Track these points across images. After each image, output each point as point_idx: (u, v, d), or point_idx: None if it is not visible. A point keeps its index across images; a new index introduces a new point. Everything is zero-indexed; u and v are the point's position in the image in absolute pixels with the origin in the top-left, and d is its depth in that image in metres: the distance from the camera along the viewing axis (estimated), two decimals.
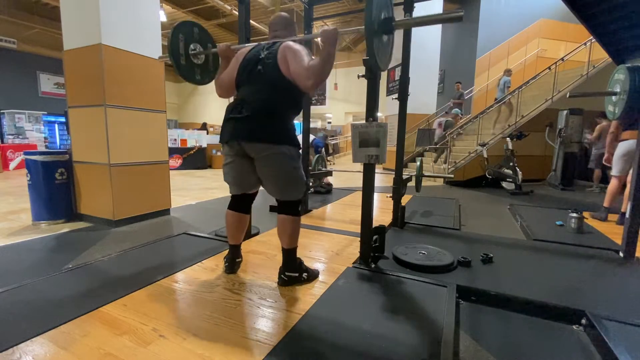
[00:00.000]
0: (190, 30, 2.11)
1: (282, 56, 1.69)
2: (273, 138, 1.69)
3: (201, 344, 1.32)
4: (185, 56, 2.09)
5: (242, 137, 1.71)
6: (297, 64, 1.63)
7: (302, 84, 1.65)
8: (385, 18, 1.57)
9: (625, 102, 2.24)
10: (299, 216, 1.84)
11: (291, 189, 1.79)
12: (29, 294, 1.73)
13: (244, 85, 1.79)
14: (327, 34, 1.60)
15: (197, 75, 2.18)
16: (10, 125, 10.82)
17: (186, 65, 2.10)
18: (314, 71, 1.58)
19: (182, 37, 2.05)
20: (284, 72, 1.68)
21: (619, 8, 2.47)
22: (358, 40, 15.52)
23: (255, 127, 1.67)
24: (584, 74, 7.20)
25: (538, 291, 1.84)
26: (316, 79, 1.59)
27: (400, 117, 3.14)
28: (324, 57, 1.56)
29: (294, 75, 1.65)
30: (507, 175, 5.81)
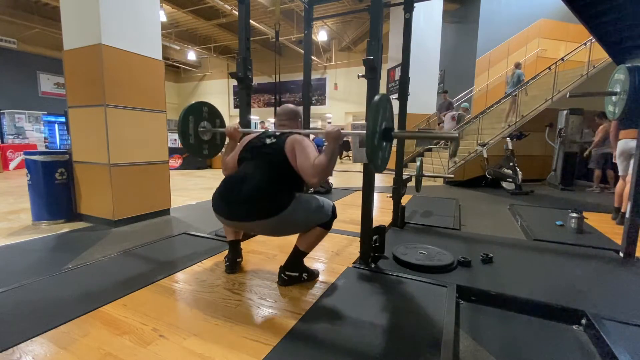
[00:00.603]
0: (200, 110, 2.15)
1: (290, 147, 1.72)
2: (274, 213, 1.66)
3: (201, 344, 1.32)
4: (194, 136, 2.13)
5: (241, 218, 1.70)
6: (305, 160, 1.67)
7: (307, 179, 1.69)
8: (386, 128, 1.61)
9: (625, 102, 2.23)
10: (328, 230, 1.87)
11: (315, 221, 1.80)
12: (29, 294, 1.73)
13: (247, 161, 1.81)
14: (330, 134, 1.64)
15: (204, 151, 2.23)
16: (10, 125, 10.82)
17: (194, 144, 2.15)
18: (320, 170, 1.62)
19: (192, 119, 2.10)
20: (290, 160, 1.72)
21: (619, 8, 2.47)
22: (358, 40, 15.52)
23: (253, 205, 1.66)
24: (584, 74, 7.20)
25: (538, 291, 1.84)
26: (321, 176, 1.64)
27: (400, 117, 3.14)
28: (329, 155, 1.62)
29: (300, 169, 1.69)
30: (507, 175, 5.81)
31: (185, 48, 15.35)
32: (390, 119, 1.67)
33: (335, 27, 14.28)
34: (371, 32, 2.02)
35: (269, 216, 1.65)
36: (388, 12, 9.76)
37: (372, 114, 1.47)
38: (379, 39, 1.98)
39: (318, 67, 17.45)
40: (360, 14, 10.94)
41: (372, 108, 1.48)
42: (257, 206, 1.65)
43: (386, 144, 1.65)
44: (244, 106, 2.58)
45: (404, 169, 3.53)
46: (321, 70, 17.77)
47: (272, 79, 12.62)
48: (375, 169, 1.61)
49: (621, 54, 2.87)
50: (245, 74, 2.51)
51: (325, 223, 1.83)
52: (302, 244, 1.84)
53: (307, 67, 3.69)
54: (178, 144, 9.24)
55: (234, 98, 19.99)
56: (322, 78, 17.86)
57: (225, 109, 20.09)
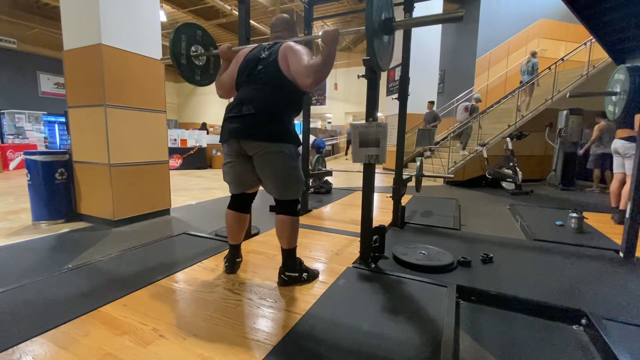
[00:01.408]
0: (193, 31, 2.12)
1: (282, 55, 1.69)
2: (272, 136, 1.69)
3: (201, 344, 1.32)
4: (186, 57, 2.10)
5: (241, 135, 1.71)
6: (297, 62, 1.63)
7: (302, 83, 1.65)
8: (386, 18, 1.57)
9: (625, 102, 2.24)
10: (297, 216, 1.83)
11: (289, 187, 1.79)
12: (29, 294, 1.73)
13: (244, 85, 1.79)
14: (327, 34, 1.60)
15: (197, 76, 2.19)
16: (10, 125, 10.81)
17: (187, 66, 2.11)
18: (314, 69, 1.58)
19: (185, 38, 2.06)
20: (284, 71, 1.68)
21: (619, 8, 2.47)
22: (358, 40, 15.52)
23: (254, 126, 1.67)
24: (584, 74, 7.20)
25: (538, 291, 1.84)
26: (315, 77, 1.59)
27: (400, 117, 3.14)
28: (324, 56, 1.57)
29: (294, 74, 1.66)
30: (507, 175, 5.81)
31: None
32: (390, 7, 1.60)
33: (335, 26, 14.28)
34: None
35: (264, 138, 1.65)
36: None
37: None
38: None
39: None
40: (360, 14, 10.93)
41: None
42: (257, 122, 1.65)
43: (388, 38, 1.60)
44: None
45: (404, 169, 3.53)
46: None
47: None
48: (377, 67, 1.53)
49: (621, 54, 2.88)
50: None
51: (291, 205, 1.80)
52: (283, 242, 1.83)
53: None
54: (178, 144, 9.25)
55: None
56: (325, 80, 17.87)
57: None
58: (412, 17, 2.69)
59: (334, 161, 13.20)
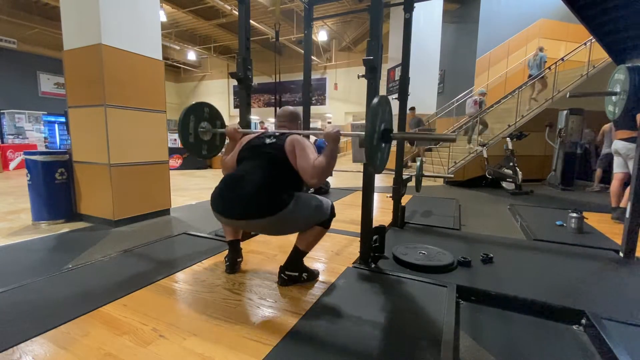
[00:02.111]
0: (201, 110, 2.16)
1: (290, 147, 1.73)
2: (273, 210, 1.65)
3: (201, 344, 1.32)
4: (194, 135, 2.14)
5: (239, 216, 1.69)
6: (305, 160, 1.68)
7: (307, 180, 1.70)
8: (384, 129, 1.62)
9: (625, 102, 2.23)
10: (327, 229, 1.87)
11: (314, 220, 1.80)
12: (29, 294, 1.73)
13: (247, 160, 1.81)
14: (330, 135, 1.66)
15: (204, 151, 2.23)
16: (10, 125, 10.82)
17: (194, 144, 2.15)
18: (320, 171, 1.63)
19: (193, 119, 2.11)
20: (290, 159, 1.73)
21: (619, 8, 2.47)
22: (358, 40, 15.52)
23: (253, 203, 1.65)
24: (584, 74, 7.20)
25: (538, 291, 1.84)
26: (321, 178, 1.66)
27: (400, 117, 3.14)
28: (328, 157, 1.63)
29: (300, 170, 1.70)
30: (507, 175, 5.81)
31: (185, 48, 15.36)
32: (389, 120, 1.68)
33: (335, 27, 14.27)
34: (371, 32, 2.02)
35: (268, 215, 1.64)
36: (388, 12, 9.77)
37: (371, 116, 1.48)
38: (379, 39, 1.98)
39: (318, 67, 17.46)
40: (360, 14, 10.95)
41: (371, 110, 1.49)
42: (257, 204, 1.64)
43: (385, 144, 1.66)
44: (244, 106, 2.58)
45: (404, 169, 3.53)
46: (321, 70, 17.78)
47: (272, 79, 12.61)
48: (374, 170, 1.62)
49: (621, 54, 2.88)
50: (245, 74, 2.51)
51: (324, 222, 1.83)
52: (301, 243, 1.84)
53: (307, 67, 3.69)
54: (178, 144, 9.24)
55: (234, 98, 20.00)
56: (322, 78, 17.87)
57: (225, 109, 20.10)
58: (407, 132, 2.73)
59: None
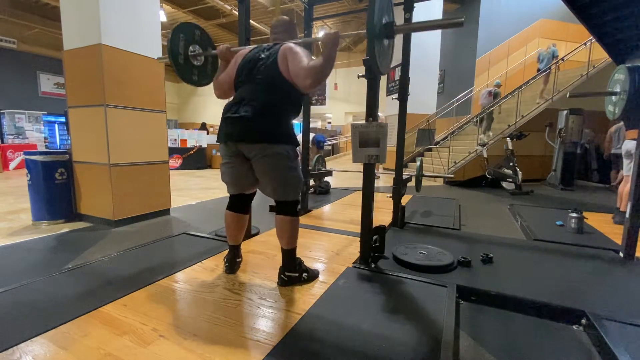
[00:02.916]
0: (192, 31, 2.12)
1: (282, 56, 1.69)
2: (269, 138, 1.68)
3: (201, 344, 1.32)
4: (184, 56, 2.09)
5: (238, 138, 1.71)
6: (297, 64, 1.63)
7: (301, 84, 1.65)
8: (387, 22, 1.57)
9: (625, 102, 2.23)
10: (297, 216, 1.83)
11: (288, 189, 1.79)
12: (29, 294, 1.73)
13: (243, 85, 1.78)
14: (328, 36, 1.60)
15: (194, 77, 2.19)
16: (10, 125, 10.81)
17: (184, 66, 2.11)
18: (314, 71, 1.58)
19: (183, 37, 2.06)
20: (283, 72, 1.68)
21: (619, 8, 2.47)
22: (358, 41, 15.53)
23: (252, 128, 1.66)
24: (584, 74, 7.20)
25: (538, 291, 1.84)
26: (315, 78, 1.59)
27: (400, 117, 3.14)
28: (325, 57, 1.57)
29: (293, 75, 1.65)
30: (507, 175, 5.81)
31: None
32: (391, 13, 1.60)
33: (335, 27, 14.27)
34: None
35: (262, 140, 1.65)
36: None
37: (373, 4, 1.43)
38: None
39: None
40: (360, 14, 10.93)
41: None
42: (254, 123, 1.64)
43: (388, 42, 1.60)
44: None
45: (404, 169, 3.53)
46: None
47: None
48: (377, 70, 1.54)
49: (621, 54, 2.88)
50: None
51: (291, 207, 1.80)
52: (282, 242, 1.83)
53: None
54: (178, 143, 9.25)
55: None
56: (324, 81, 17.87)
57: None
58: (412, 22, 2.69)
59: (334, 161, 13.19)
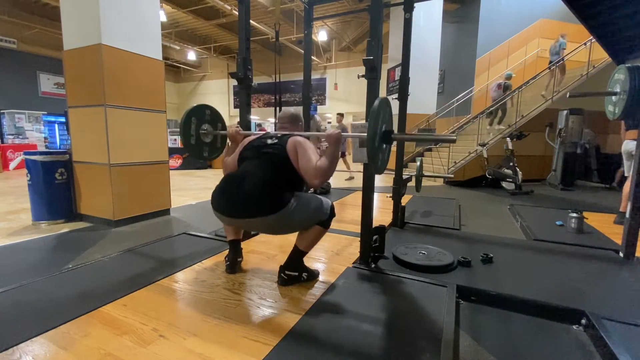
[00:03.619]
0: (202, 112, 2.18)
1: (292, 148, 1.74)
2: (273, 209, 1.65)
3: (201, 344, 1.32)
4: (195, 137, 2.16)
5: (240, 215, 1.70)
6: (307, 161, 1.68)
7: (309, 181, 1.70)
8: (386, 130, 1.63)
9: (625, 102, 2.23)
10: (327, 229, 1.87)
11: (314, 220, 1.80)
12: (29, 294, 1.73)
13: (248, 160, 1.81)
14: (331, 136, 1.67)
15: (205, 153, 2.25)
16: (10, 125, 10.81)
17: (196, 146, 2.17)
18: (322, 172, 1.64)
19: (195, 120, 2.13)
20: (292, 162, 1.73)
21: (619, 8, 2.47)
22: (358, 41, 15.52)
23: (253, 202, 1.65)
24: (584, 74, 7.20)
25: (538, 291, 1.84)
26: (323, 178, 1.67)
27: (400, 117, 3.14)
28: (329, 158, 1.64)
29: (302, 170, 1.71)
30: (507, 175, 5.81)
31: (185, 48, 15.34)
32: (390, 121, 1.68)
33: (335, 27, 14.27)
34: (371, 32, 2.02)
35: (269, 214, 1.65)
36: (388, 12, 9.76)
37: (373, 118, 1.49)
38: (379, 39, 1.98)
39: (318, 67, 17.44)
40: (360, 14, 10.94)
41: (372, 113, 1.50)
42: (257, 203, 1.65)
43: (386, 146, 1.67)
44: (244, 106, 2.58)
45: (404, 169, 3.53)
46: (321, 70, 17.76)
47: (272, 79, 12.60)
48: (376, 171, 1.64)
49: (621, 54, 2.88)
50: (245, 74, 2.51)
51: (324, 222, 1.83)
52: (301, 243, 1.84)
53: (307, 67, 3.69)
54: (178, 143, 9.25)
55: (234, 98, 19.98)
56: (322, 78, 17.85)
57: (225, 109, 20.08)
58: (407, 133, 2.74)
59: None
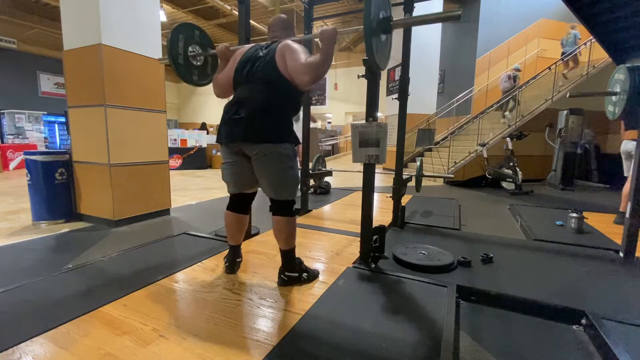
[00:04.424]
0: (191, 31, 2.12)
1: (280, 54, 1.69)
2: (269, 138, 1.69)
3: (201, 344, 1.32)
4: (184, 56, 2.10)
5: (238, 138, 1.71)
6: (295, 60, 1.62)
7: (299, 80, 1.64)
8: (384, 17, 1.58)
9: (625, 102, 2.23)
10: (293, 216, 1.83)
11: (285, 187, 1.79)
12: (29, 294, 1.73)
13: (241, 84, 1.79)
14: (326, 33, 1.60)
15: (194, 76, 2.20)
16: (10, 125, 10.81)
17: (184, 66, 2.11)
18: (312, 67, 1.57)
19: (182, 38, 2.07)
20: (281, 69, 1.68)
21: (619, 8, 2.47)
22: (358, 40, 15.52)
23: (251, 128, 1.67)
24: (584, 74, 7.21)
25: (538, 291, 1.84)
26: (313, 74, 1.58)
27: (400, 117, 3.14)
28: (322, 54, 1.57)
29: (291, 72, 1.65)
30: (507, 175, 5.81)
31: None
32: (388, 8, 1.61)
33: (335, 26, 14.28)
34: None
35: (262, 140, 1.65)
36: None
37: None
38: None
39: None
40: (360, 14, 10.92)
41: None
42: (254, 123, 1.65)
43: (386, 37, 1.61)
44: None
45: (404, 169, 3.53)
46: None
47: None
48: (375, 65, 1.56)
49: (621, 54, 2.88)
50: None
51: (286, 205, 1.80)
52: (280, 242, 1.83)
53: None
54: (178, 143, 9.24)
55: None
56: (322, 78, 17.87)
57: None
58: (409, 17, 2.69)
59: (334, 161, 13.19)
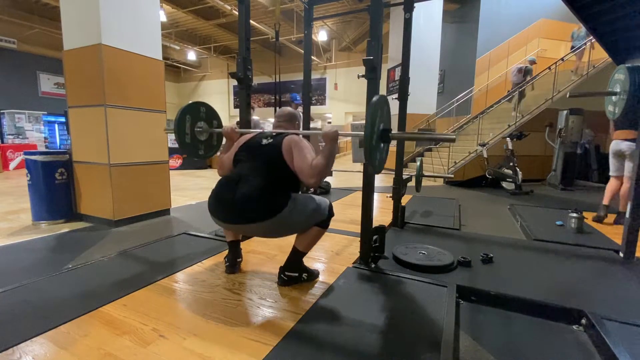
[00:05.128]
0: (197, 110, 2.17)
1: (287, 148, 1.71)
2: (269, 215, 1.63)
3: (201, 344, 1.32)
4: (190, 135, 2.14)
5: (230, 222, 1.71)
6: (302, 160, 1.65)
7: (305, 180, 1.67)
8: (383, 129, 1.63)
9: (625, 102, 2.23)
10: (326, 229, 1.86)
11: (313, 221, 1.78)
12: (29, 294, 1.73)
13: (243, 162, 1.79)
14: (328, 135, 1.65)
15: (200, 151, 2.23)
16: (10, 125, 10.82)
17: (191, 144, 2.16)
18: (318, 171, 1.60)
19: (189, 118, 2.11)
20: (286, 159, 1.70)
21: (619, 8, 2.47)
22: (358, 40, 15.52)
23: (249, 207, 1.63)
24: (584, 74, 7.21)
25: (538, 291, 1.84)
26: (319, 177, 1.63)
27: (400, 117, 3.14)
28: (326, 156, 1.61)
29: (297, 170, 1.67)
30: (507, 175, 5.81)
31: (185, 48, 15.35)
32: (388, 120, 1.67)
33: (335, 27, 14.27)
34: (371, 32, 2.02)
35: (266, 219, 1.63)
36: (388, 12, 9.76)
37: (370, 116, 1.48)
38: (379, 39, 1.97)
39: (318, 67, 17.45)
40: (360, 14, 10.93)
41: (370, 110, 1.49)
42: (254, 208, 1.63)
43: (384, 145, 1.66)
44: (243, 106, 2.58)
45: (404, 169, 3.53)
46: (321, 70, 17.77)
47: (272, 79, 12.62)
48: (374, 170, 1.62)
49: (621, 54, 2.88)
50: (245, 74, 2.50)
51: (322, 222, 1.82)
52: (300, 244, 1.83)
53: (307, 67, 3.69)
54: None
55: (234, 98, 19.99)
56: (322, 78, 17.86)
57: (225, 109, 20.09)
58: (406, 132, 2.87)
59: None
